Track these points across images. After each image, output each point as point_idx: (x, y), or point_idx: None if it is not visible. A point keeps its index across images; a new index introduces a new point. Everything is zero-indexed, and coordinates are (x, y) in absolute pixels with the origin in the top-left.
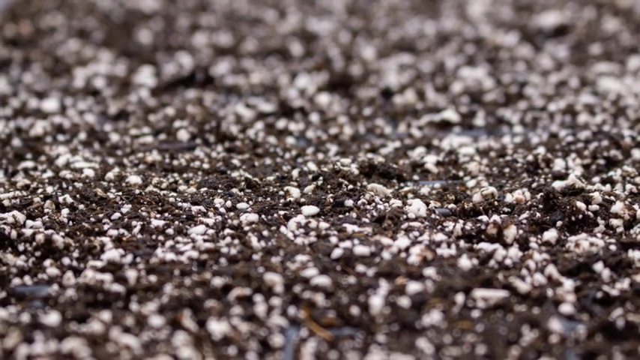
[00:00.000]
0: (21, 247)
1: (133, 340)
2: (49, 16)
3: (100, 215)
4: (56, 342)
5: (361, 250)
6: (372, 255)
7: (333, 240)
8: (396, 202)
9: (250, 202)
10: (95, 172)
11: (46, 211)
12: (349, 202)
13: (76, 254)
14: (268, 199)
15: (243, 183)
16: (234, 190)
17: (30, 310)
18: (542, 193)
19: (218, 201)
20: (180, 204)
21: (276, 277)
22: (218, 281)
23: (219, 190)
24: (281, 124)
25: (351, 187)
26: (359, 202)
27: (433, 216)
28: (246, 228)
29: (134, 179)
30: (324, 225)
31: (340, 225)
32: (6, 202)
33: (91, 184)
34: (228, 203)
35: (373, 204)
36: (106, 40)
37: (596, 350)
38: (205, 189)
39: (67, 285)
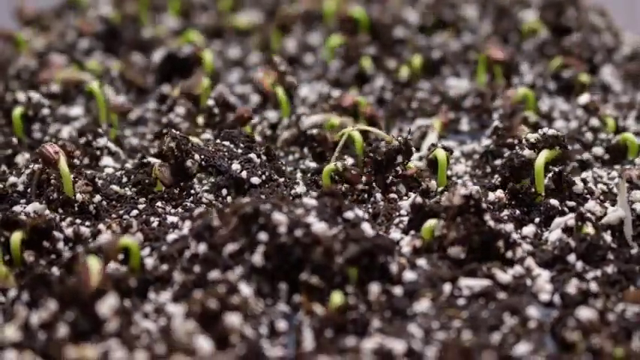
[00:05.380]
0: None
1: (152, 325)
2: (72, 30)
3: (121, 212)
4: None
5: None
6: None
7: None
8: (392, 195)
9: (264, 177)
10: (115, 170)
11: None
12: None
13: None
14: (282, 179)
15: (262, 148)
16: (253, 156)
17: None
18: (505, 188)
19: (236, 167)
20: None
21: (281, 217)
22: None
23: (239, 150)
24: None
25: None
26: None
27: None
28: None
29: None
30: None
31: None
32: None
33: (107, 179)
34: (244, 174)
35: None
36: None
37: (564, 315)
38: (227, 142)
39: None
